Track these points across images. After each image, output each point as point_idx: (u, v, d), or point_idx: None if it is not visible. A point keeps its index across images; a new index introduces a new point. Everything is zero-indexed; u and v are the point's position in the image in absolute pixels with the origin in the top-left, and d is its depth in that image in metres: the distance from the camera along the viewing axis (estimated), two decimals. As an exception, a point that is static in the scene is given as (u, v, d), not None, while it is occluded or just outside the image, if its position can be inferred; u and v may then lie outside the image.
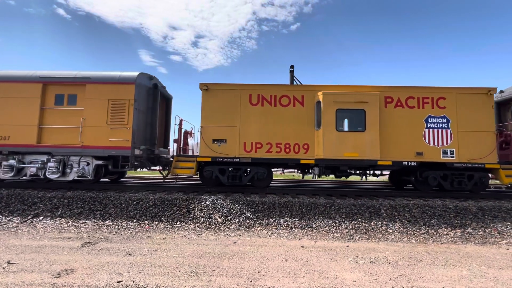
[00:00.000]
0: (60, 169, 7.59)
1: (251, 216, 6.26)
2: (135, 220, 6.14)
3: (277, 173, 19.37)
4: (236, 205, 6.55)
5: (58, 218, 6.19)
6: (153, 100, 8.64)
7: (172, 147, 9.73)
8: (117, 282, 3.21)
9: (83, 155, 7.65)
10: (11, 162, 7.62)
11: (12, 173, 7.62)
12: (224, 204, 6.59)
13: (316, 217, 6.22)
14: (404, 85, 7.86)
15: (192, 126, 13.77)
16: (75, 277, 3.34)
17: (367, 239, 5.37)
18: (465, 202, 7.02)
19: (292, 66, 9.28)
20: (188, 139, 9.74)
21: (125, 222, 6.05)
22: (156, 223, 6.05)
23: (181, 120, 9.30)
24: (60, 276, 3.35)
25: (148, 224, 5.98)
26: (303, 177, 9.09)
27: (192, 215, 6.29)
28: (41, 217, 6.23)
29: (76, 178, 7.68)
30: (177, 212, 6.39)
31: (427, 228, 5.87)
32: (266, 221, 6.12)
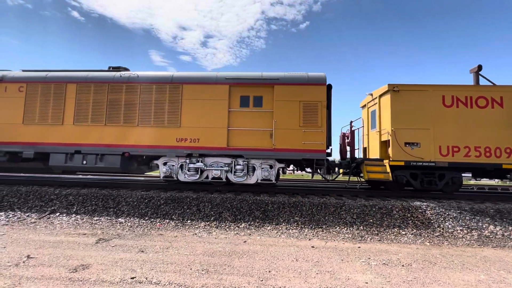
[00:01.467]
0: (245, 172, 7.51)
1: (260, 215, 6.26)
2: (147, 218, 6.25)
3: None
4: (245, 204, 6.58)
5: (74, 215, 6.38)
6: (327, 100, 8.16)
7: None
8: (131, 278, 3.28)
9: (276, 158, 7.47)
10: (199, 164, 7.50)
11: (198, 176, 7.53)
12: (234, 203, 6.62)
13: (326, 218, 6.16)
14: None
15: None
16: (91, 272, 3.43)
17: (379, 240, 5.28)
18: (481, 204, 6.80)
19: (479, 66, 8.77)
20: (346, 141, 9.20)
21: (137, 220, 6.17)
22: (167, 221, 6.15)
23: (351, 122, 8.93)
24: (76, 271, 3.46)
25: (160, 222, 6.08)
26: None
27: (202, 214, 6.36)
28: (57, 214, 6.43)
29: (259, 181, 7.52)
30: (187, 211, 6.47)
31: (441, 230, 5.72)
32: (276, 220, 6.11)
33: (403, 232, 5.64)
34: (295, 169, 8.56)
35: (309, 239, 5.24)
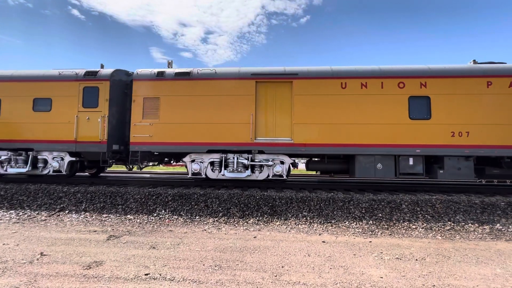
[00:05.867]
0: None
1: (269, 211, 6.25)
2: (155, 214, 6.27)
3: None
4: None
5: (83, 212, 6.41)
6: None
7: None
8: (145, 274, 3.28)
9: None
10: None
11: None
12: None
13: (335, 212, 6.13)
14: None
15: None
16: (105, 269, 3.44)
17: (390, 234, 5.25)
18: (492, 197, 6.71)
19: None
20: None
21: (146, 216, 6.19)
22: (176, 217, 6.15)
23: None
24: (90, 268, 3.47)
25: (169, 218, 6.09)
26: None
27: (210, 210, 6.35)
28: (67, 211, 6.47)
29: None
30: (195, 207, 6.47)
31: (452, 224, 5.67)
32: (284, 216, 6.10)
33: (414, 226, 5.60)
34: None
35: (319, 234, 5.22)
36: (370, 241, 4.76)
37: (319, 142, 7.17)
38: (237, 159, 7.30)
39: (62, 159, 7.88)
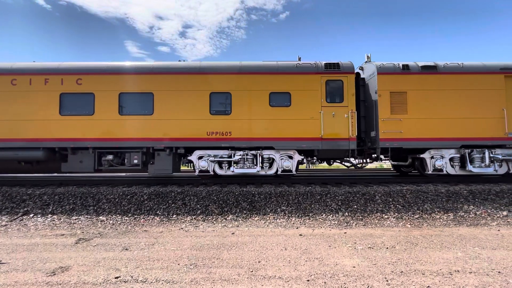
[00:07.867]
0: None
1: (247, 206, 6.24)
2: (130, 215, 6.03)
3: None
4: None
5: (50, 215, 6.02)
6: None
7: None
8: (115, 278, 3.14)
9: None
10: None
11: None
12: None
13: (312, 206, 6.25)
14: None
15: None
16: (71, 274, 3.24)
17: (364, 225, 5.45)
18: (456, 186, 7.19)
19: None
20: None
21: (119, 217, 5.93)
22: (152, 216, 5.96)
23: None
24: (55, 274, 3.25)
25: (144, 218, 5.88)
26: None
27: (188, 208, 6.22)
28: (31, 215, 6.03)
29: None
30: (172, 205, 6.31)
31: (421, 212, 6.00)
32: (263, 211, 6.12)
33: (386, 216, 5.86)
34: None
35: (297, 228, 5.29)
36: (345, 232, 4.91)
37: None
38: (489, 153, 7.49)
39: (291, 157, 7.42)
